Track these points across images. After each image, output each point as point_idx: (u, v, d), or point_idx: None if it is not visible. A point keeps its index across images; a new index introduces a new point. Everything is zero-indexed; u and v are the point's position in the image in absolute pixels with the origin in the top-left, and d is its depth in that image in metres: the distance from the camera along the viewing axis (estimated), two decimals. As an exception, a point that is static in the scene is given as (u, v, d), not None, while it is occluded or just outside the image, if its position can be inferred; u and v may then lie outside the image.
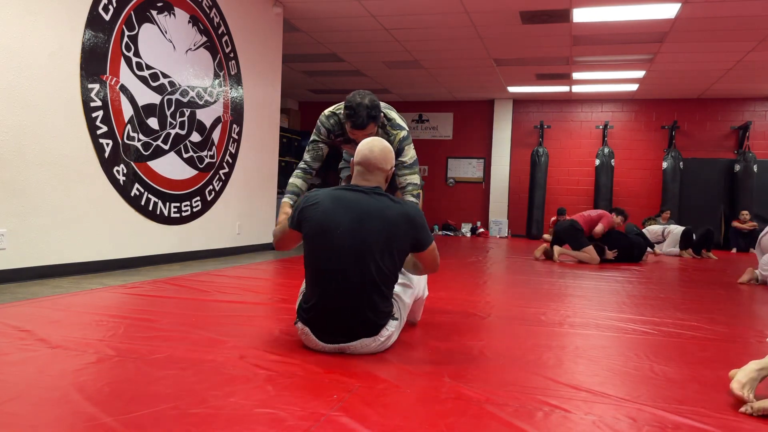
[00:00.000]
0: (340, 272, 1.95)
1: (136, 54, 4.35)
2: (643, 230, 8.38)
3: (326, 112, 2.70)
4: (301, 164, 2.76)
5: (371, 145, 2.10)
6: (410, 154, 2.62)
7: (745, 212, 9.59)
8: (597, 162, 10.70)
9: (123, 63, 4.22)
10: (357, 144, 2.33)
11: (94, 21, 3.95)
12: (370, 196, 2.01)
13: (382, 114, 2.54)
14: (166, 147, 4.72)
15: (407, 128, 2.65)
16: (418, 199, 2.60)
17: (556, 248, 6.37)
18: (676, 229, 8.20)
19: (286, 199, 2.67)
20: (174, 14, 4.76)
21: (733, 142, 10.50)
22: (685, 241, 8.01)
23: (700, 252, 7.93)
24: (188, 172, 5.02)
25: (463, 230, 11.54)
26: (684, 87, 9.70)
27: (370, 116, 2.39)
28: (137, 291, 3.29)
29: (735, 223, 9.65)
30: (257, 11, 6.01)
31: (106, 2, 4.05)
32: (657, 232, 8.40)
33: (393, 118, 2.61)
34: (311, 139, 2.74)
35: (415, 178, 2.62)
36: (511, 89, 10.48)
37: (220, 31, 5.39)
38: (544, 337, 2.48)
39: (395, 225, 1.98)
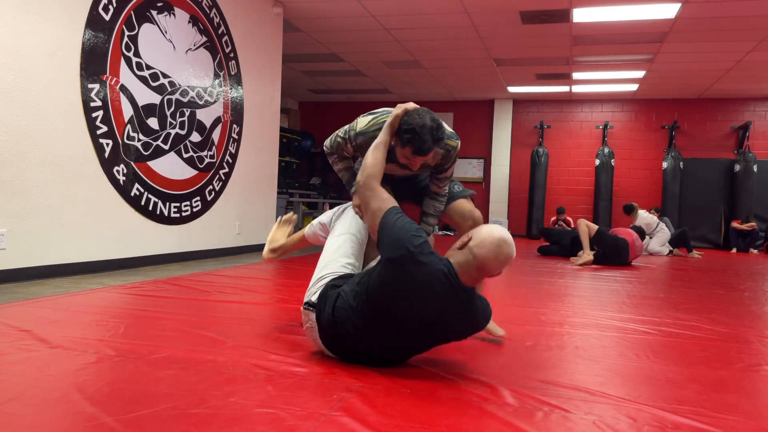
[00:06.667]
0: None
1: (136, 54, 4.35)
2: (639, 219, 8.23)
3: (343, 133, 2.27)
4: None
5: (501, 253, 1.76)
6: (453, 168, 2.34)
7: (749, 218, 9.62)
8: (597, 162, 10.70)
9: (123, 63, 4.22)
10: (406, 168, 2.12)
11: (94, 21, 3.95)
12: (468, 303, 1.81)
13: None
14: (166, 147, 4.72)
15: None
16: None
17: None
18: (665, 230, 8.21)
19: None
20: (174, 14, 4.76)
21: (733, 142, 10.50)
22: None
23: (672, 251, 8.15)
24: (188, 172, 5.02)
25: (463, 230, 11.53)
26: (684, 87, 9.70)
27: (435, 139, 1.98)
28: (137, 291, 3.29)
29: (734, 224, 9.65)
30: (257, 11, 6.00)
31: (106, 2, 4.05)
32: (651, 225, 8.27)
33: (445, 127, 2.16)
34: (336, 158, 2.36)
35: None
36: (511, 89, 10.48)
37: (220, 31, 5.39)
38: (544, 337, 2.48)
39: (465, 332, 1.90)
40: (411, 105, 2.03)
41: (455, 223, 2.45)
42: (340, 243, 2.07)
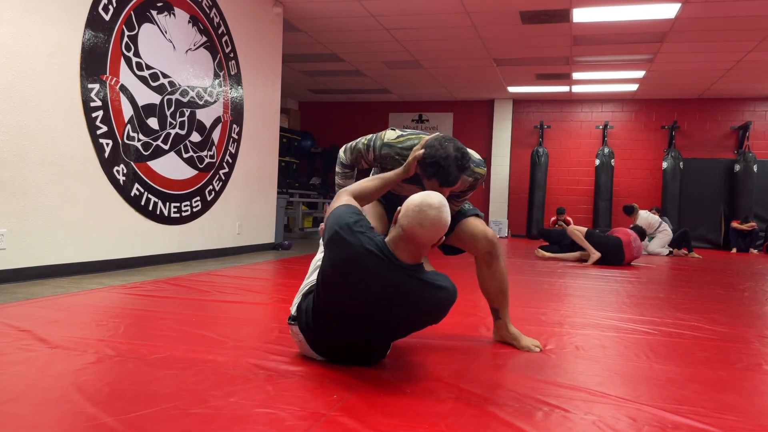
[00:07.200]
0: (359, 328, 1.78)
1: (136, 54, 4.35)
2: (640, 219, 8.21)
3: (367, 141, 2.22)
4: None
5: (425, 218, 1.64)
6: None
7: (749, 218, 9.63)
8: (597, 162, 10.70)
9: (123, 63, 4.22)
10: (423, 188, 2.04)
11: (94, 21, 3.95)
12: (408, 279, 1.68)
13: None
14: (166, 147, 4.72)
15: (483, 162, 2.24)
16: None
17: None
18: (668, 230, 8.22)
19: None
20: (174, 14, 4.76)
21: (733, 142, 10.50)
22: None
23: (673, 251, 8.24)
24: (188, 172, 5.02)
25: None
26: (684, 87, 9.70)
27: (461, 168, 1.93)
28: (137, 291, 3.29)
29: (734, 224, 9.65)
30: (257, 11, 6.00)
31: (106, 2, 4.05)
32: (653, 224, 8.26)
33: (471, 154, 2.10)
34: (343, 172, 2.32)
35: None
36: (511, 89, 10.47)
37: (220, 31, 5.39)
38: (544, 337, 2.47)
39: (425, 313, 1.76)
40: (420, 153, 1.96)
41: (465, 243, 2.27)
42: (319, 253, 2.02)
